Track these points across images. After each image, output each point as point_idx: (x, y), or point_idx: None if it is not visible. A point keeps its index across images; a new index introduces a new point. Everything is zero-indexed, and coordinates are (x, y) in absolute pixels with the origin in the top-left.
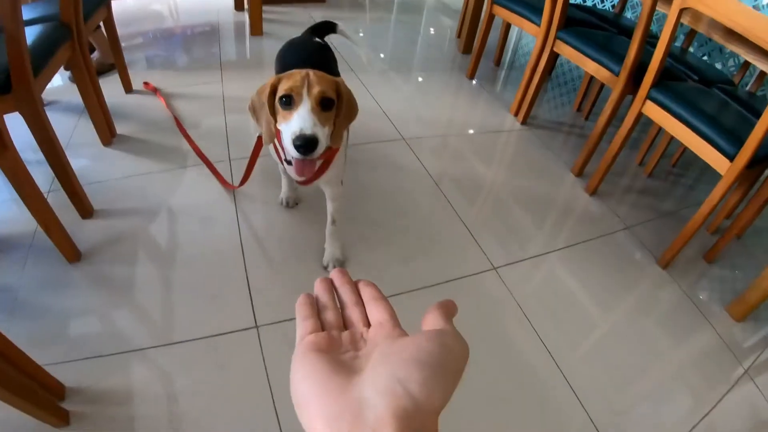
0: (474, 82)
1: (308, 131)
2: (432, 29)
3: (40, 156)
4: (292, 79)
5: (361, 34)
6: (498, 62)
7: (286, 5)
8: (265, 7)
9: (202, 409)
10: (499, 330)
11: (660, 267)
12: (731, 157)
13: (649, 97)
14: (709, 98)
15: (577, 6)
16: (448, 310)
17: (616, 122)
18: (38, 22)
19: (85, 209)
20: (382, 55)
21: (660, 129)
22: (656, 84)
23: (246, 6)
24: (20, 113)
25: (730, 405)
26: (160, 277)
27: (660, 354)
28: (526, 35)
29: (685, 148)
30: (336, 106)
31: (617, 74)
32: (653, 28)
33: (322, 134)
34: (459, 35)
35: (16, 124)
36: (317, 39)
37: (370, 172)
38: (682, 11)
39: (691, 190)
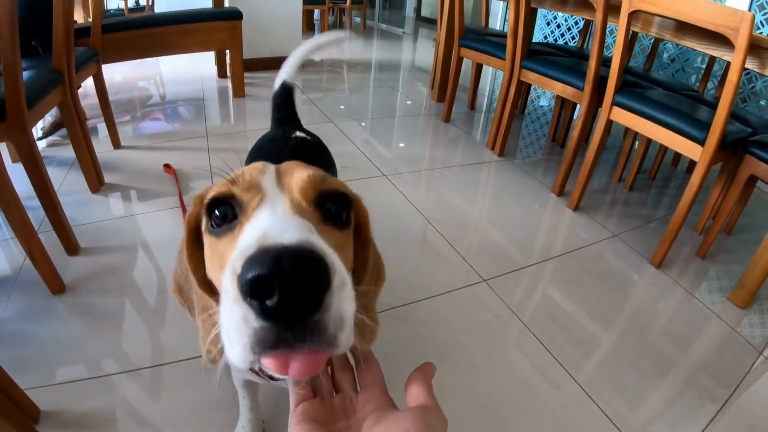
0: (450, 124)
1: (291, 237)
2: (408, 85)
3: (32, 203)
4: (242, 174)
5: (342, 107)
6: (472, 106)
7: (266, 71)
8: (246, 73)
9: None
10: (499, 339)
11: (654, 266)
12: (702, 142)
13: (614, 103)
14: (673, 99)
15: (540, 43)
16: (429, 376)
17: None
18: (32, 68)
19: (72, 246)
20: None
21: (633, 144)
22: (619, 90)
23: (228, 73)
24: (12, 143)
25: (753, 390)
26: (139, 307)
27: (672, 349)
28: (499, 79)
29: (662, 160)
30: (352, 234)
31: (582, 89)
32: (607, 53)
33: (332, 254)
34: (432, 86)
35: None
36: (299, 134)
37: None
38: (631, 15)
39: (673, 198)
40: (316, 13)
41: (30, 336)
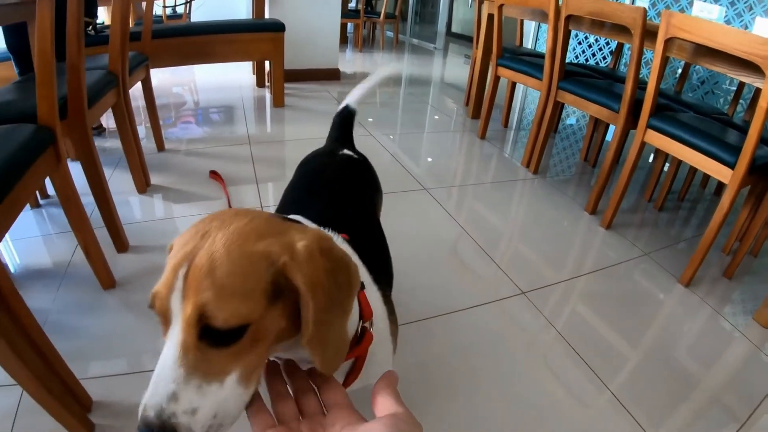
0: (485, 141)
1: (156, 411)
2: (439, 100)
3: (85, 199)
4: (165, 271)
5: (371, 119)
6: (506, 124)
7: (304, 83)
8: (285, 84)
9: None
10: (533, 351)
11: (682, 285)
12: (732, 165)
13: (649, 125)
14: (704, 123)
15: (574, 64)
16: (393, 384)
17: (622, 162)
18: (90, 69)
19: (121, 244)
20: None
21: (663, 168)
22: (654, 113)
23: (267, 83)
24: (72, 140)
25: None
26: None
27: (697, 366)
28: (530, 97)
29: (691, 182)
30: (284, 303)
31: (617, 111)
32: (643, 73)
33: (207, 403)
34: (467, 103)
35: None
36: (346, 152)
37: (399, 218)
38: (667, 42)
39: (701, 220)
40: (350, 26)
41: (81, 328)
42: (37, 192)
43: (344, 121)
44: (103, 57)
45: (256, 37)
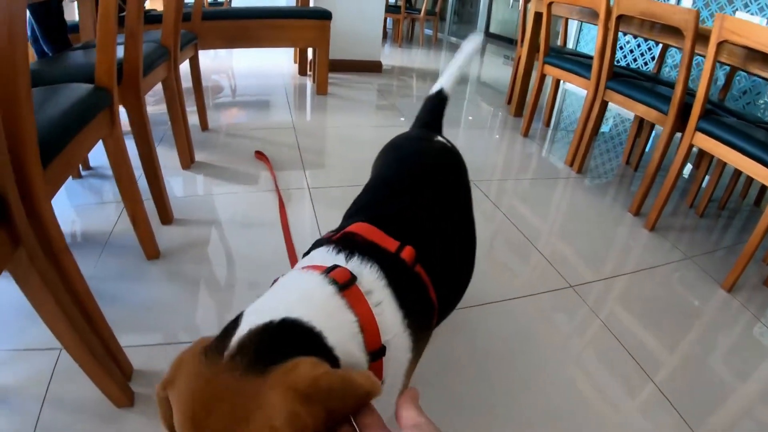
0: (528, 139)
1: None
2: (478, 98)
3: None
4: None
5: (402, 119)
6: (548, 123)
7: (346, 73)
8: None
9: None
10: (580, 342)
11: (725, 290)
12: None
13: (698, 128)
14: (751, 128)
15: (620, 67)
16: (415, 398)
17: (664, 168)
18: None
19: (166, 216)
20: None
21: (705, 175)
22: (703, 116)
23: (309, 72)
24: (126, 107)
25: None
26: (226, 279)
27: (733, 373)
28: (569, 99)
29: (732, 190)
30: None
31: (666, 113)
32: (690, 80)
33: None
34: (509, 101)
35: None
36: (441, 139)
37: None
38: (719, 46)
39: (740, 230)
40: (389, 21)
41: (123, 296)
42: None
43: (437, 106)
44: (154, 33)
45: (303, 24)
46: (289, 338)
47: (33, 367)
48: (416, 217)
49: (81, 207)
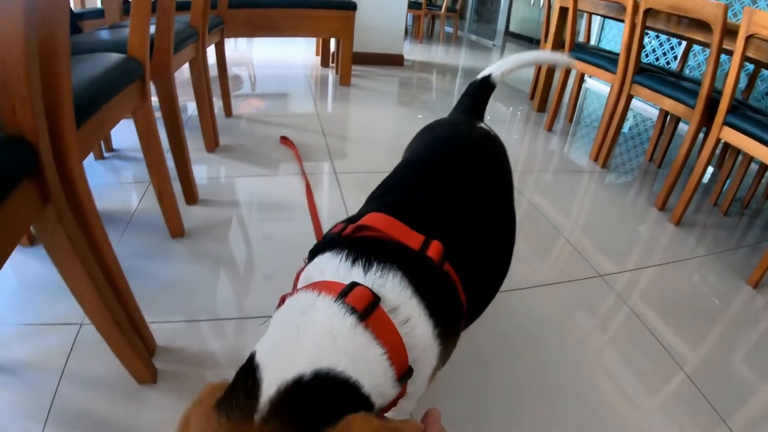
0: (552, 133)
1: None
2: (501, 92)
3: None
4: None
5: (420, 116)
6: (571, 119)
7: (368, 66)
8: None
9: None
10: (606, 334)
11: (750, 286)
12: None
13: (726, 122)
14: None
15: (644, 63)
16: (438, 419)
17: (689, 166)
18: None
19: (192, 196)
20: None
21: (729, 175)
22: (731, 110)
23: (331, 63)
24: (155, 83)
25: None
26: (249, 260)
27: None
28: (590, 98)
29: (755, 190)
30: None
31: (693, 107)
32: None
33: None
34: (531, 97)
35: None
36: (483, 125)
37: None
38: (747, 40)
39: (766, 228)
40: (409, 17)
41: (146, 273)
42: (102, 143)
43: (481, 93)
44: (182, 18)
45: (327, 14)
46: (328, 394)
47: (52, 342)
48: (445, 208)
49: (103, 186)
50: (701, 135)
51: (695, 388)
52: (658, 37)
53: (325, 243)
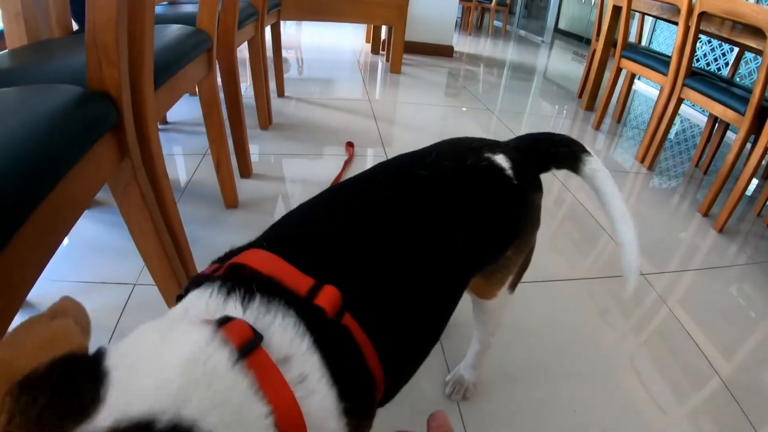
0: (599, 132)
1: None
2: (550, 89)
3: None
4: None
5: (464, 109)
6: (619, 119)
7: (417, 55)
8: None
9: None
10: (651, 329)
11: None
12: None
13: None
14: None
15: (695, 68)
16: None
17: (735, 174)
18: None
19: (246, 169)
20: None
21: None
22: None
23: (381, 51)
24: (217, 57)
25: None
26: None
27: None
28: (639, 98)
29: None
30: None
31: (743, 114)
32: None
33: None
34: (580, 95)
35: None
36: (501, 159)
37: None
38: None
39: None
40: (459, 9)
41: (199, 239)
42: None
43: (556, 149)
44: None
45: (382, 1)
46: None
47: (106, 300)
48: (360, 243)
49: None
50: (749, 144)
51: (729, 395)
52: (710, 42)
53: (193, 280)
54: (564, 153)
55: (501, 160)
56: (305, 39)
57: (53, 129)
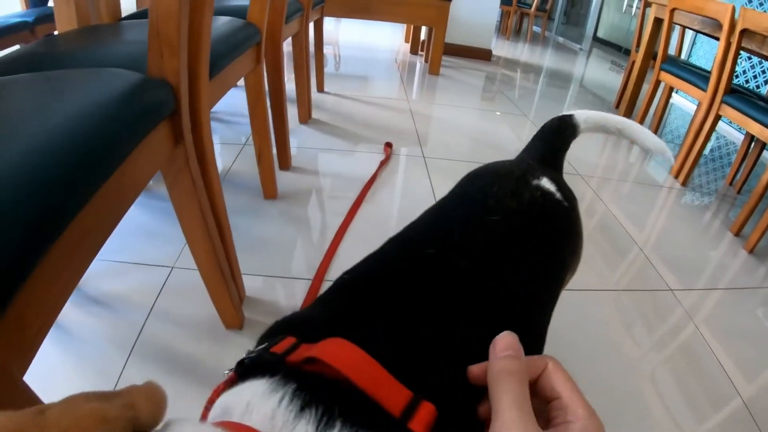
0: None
1: None
2: (586, 98)
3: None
4: None
5: (498, 113)
6: (656, 131)
7: (456, 57)
8: None
9: None
10: (676, 346)
11: None
12: None
13: None
14: None
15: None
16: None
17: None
18: None
19: (285, 161)
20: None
21: None
22: None
23: (420, 51)
24: (267, 48)
25: None
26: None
27: None
28: (675, 112)
29: None
30: None
31: None
32: None
33: None
34: (617, 105)
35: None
36: (546, 183)
37: None
38: None
39: None
40: (498, 13)
41: (237, 228)
42: None
43: (559, 134)
44: None
45: (424, 2)
46: None
47: (144, 280)
48: (455, 333)
49: None
50: None
51: (749, 416)
52: (750, 59)
53: (260, 361)
54: (562, 135)
55: (547, 184)
56: (343, 36)
57: (117, 112)
